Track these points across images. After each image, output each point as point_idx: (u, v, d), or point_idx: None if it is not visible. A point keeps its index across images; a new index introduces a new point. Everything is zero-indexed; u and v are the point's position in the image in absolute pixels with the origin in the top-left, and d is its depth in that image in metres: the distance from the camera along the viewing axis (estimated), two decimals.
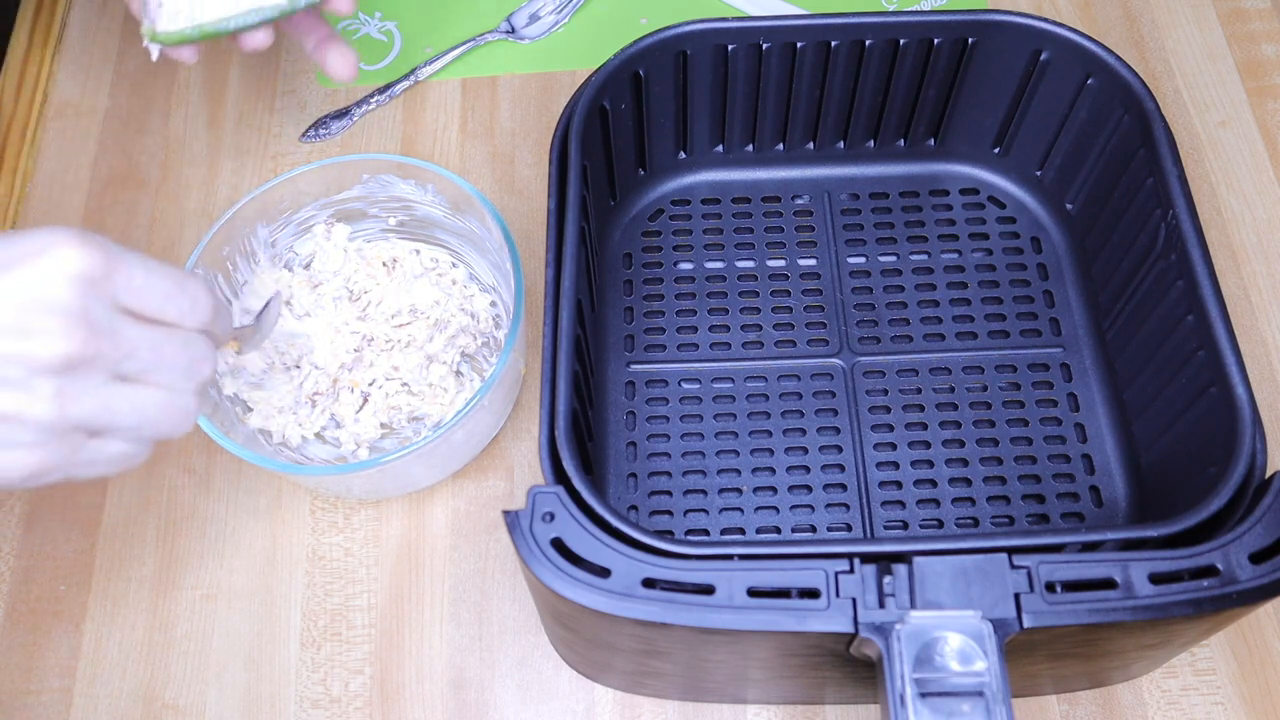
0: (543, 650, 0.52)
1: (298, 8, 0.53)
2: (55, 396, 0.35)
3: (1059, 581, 0.39)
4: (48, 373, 0.35)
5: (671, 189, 0.62)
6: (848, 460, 0.55)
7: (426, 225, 0.58)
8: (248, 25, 0.52)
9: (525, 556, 0.40)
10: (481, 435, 0.54)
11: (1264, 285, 0.60)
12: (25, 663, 0.52)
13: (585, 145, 0.52)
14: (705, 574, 0.39)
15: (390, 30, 0.70)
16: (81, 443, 0.37)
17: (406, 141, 0.66)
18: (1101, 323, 0.57)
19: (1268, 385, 0.57)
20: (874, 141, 0.62)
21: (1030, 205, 0.61)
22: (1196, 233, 0.48)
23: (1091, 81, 0.55)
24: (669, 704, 0.51)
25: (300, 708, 0.51)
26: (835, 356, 0.57)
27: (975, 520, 0.53)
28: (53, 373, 0.35)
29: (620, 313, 0.59)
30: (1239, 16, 0.69)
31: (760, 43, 0.56)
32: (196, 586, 0.54)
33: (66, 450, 0.37)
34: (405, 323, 0.56)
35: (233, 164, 0.65)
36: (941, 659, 0.38)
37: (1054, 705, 0.50)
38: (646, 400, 0.56)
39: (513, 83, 0.68)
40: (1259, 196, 0.63)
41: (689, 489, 0.54)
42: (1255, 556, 0.40)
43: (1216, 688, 0.50)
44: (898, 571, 0.39)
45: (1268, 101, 0.66)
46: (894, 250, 0.60)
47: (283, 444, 0.54)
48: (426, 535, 0.55)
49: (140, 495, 0.56)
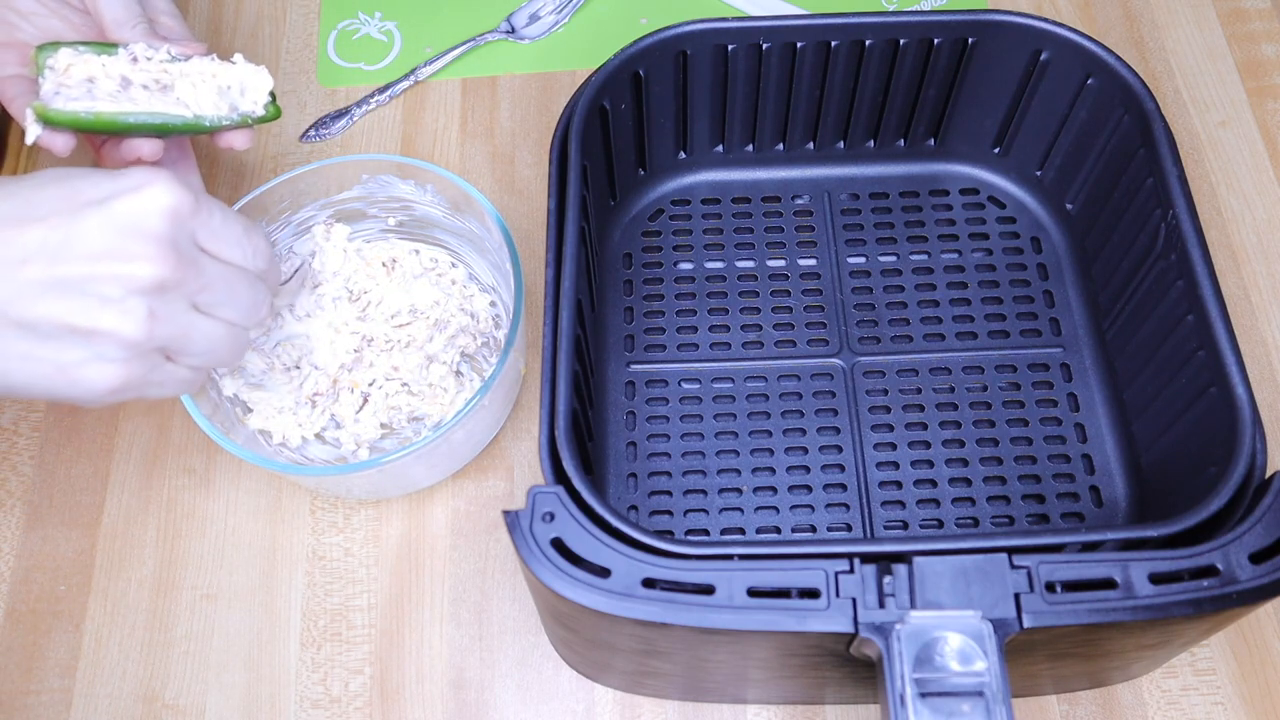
0: (543, 650, 0.52)
1: (202, 128, 0.51)
2: (147, 318, 0.39)
3: (1059, 581, 0.39)
4: (141, 294, 0.39)
5: (671, 189, 0.62)
6: (848, 460, 0.55)
7: (426, 225, 0.58)
8: (146, 126, 0.50)
9: (525, 556, 0.40)
10: (481, 435, 0.54)
11: (1264, 285, 0.60)
12: (25, 663, 0.52)
13: (585, 145, 0.52)
14: (705, 574, 0.39)
15: (390, 30, 0.70)
16: (158, 363, 0.42)
17: (406, 141, 0.66)
18: (1101, 323, 0.57)
19: (1268, 385, 0.57)
20: (874, 141, 0.62)
21: (1030, 205, 0.61)
22: (1196, 233, 0.48)
23: (1091, 81, 0.55)
24: (669, 704, 0.51)
25: (300, 708, 0.51)
26: (835, 356, 0.57)
27: (975, 520, 0.53)
28: (145, 294, 0.39)
29: (620, 313, 0.59)
30: (1239, 16, 0.69)
31: (760, 43, 0.56)
32: (196, 586, 0.54)
33: (145, 369, 0.41)
34: (405, 323, 0.56)
35: (233, 164, 0.65)
36: (941, 659, 0.38)
37: (1054, 705, 0.50)
38: (646, 400, 0.56)
39: (513, 83, 0.68)
40: (1259, 196, 0.63)
41: (689, 489, 0.54)
42: (1255, 556, 0.40)
43: (1216, 688, 0.50)
44: (898, 571, 0.39)
45: (1268, 101, 0.66)
46: (894, 250, 0.60)
47: (283, 444, 0.54)
48: (426, 535, 0.55)
49: (140, 495, 0.56)
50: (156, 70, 0.51)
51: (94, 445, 0.57)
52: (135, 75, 0.50)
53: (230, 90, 0.52)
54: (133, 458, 0.57)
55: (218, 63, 0.52)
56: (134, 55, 0.50)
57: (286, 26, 0.71)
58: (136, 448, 0.57)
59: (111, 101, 0.49)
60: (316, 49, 0.70)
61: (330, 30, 0.70)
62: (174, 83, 0.51)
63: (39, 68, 0.49)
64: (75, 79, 0.49)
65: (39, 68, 0.49)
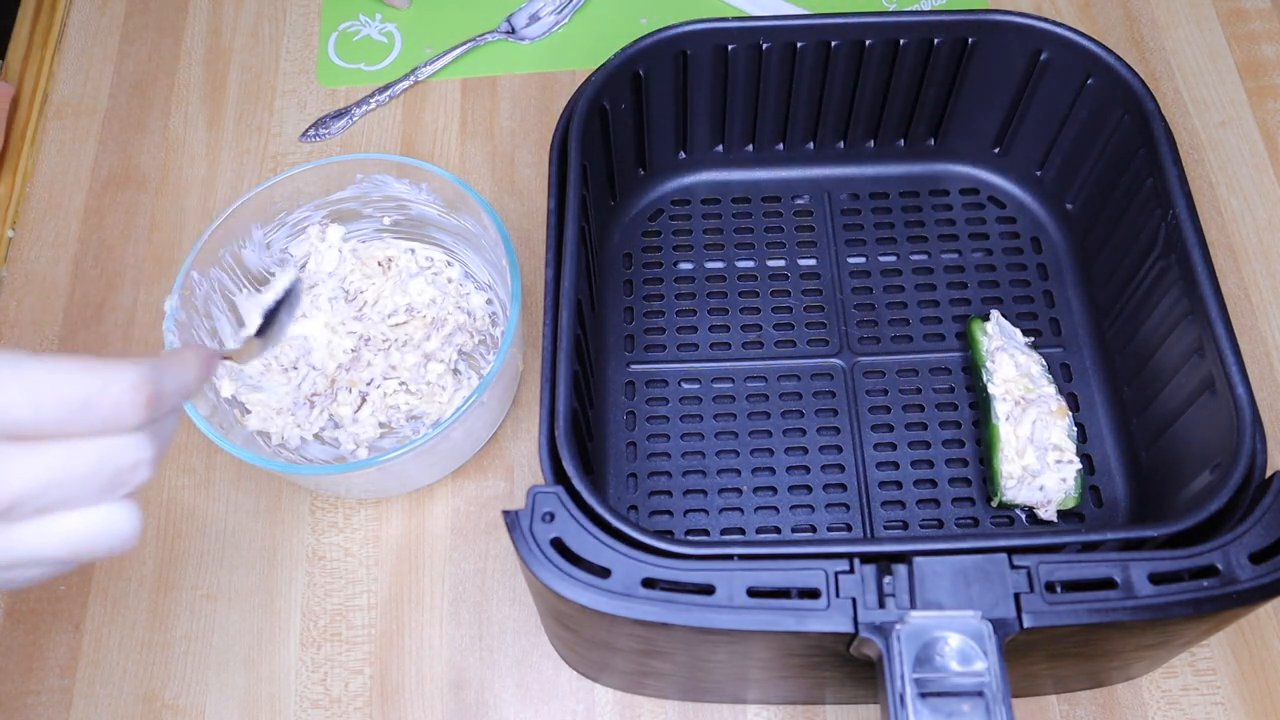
0: (543, 650, 0.52)
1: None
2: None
3: (1059, 581, 0.39)
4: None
5: (671, 189, 0.62)
6: (848, 460, 0.55)
7: (421, 224, 0.58)
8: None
9: (525, 556, 0.40)
10: (480, 433, 0.54)
11: (1264, 285, 0.60)
12: (25, 663, 0.52)
13: (585, 145, 0.52)
14: (705, 574, 0.39)
15: (390, 31, 0.70)
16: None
17: (406, 141, 0.66)
18: (1101, 323, 0.57)
19: (1268, 385, 0.57)
20: (874, 141, 0.62)
21: (1030, 205, 0.61)
22: (1196, 233, 0.48)
23: (1091, 81, 0.55)
24: (669, 704, 0.51)
25: (300, 708, 0.51)
26: (835, 356, 0.57)
27: (975, 520, 0.53)
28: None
29: (620, 313, 0.59)
30: (1239, 16, 0.69)
31: (760, 43, 0.56)
32: (196, 586, 0.54)
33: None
34: (402, 322, 0.56)
35: (232, 164, 0.65)
36: (941, 659, 0.38)
37: (1054, 705, 0.50)
38: (646, 400, 0.56)
39: (513, 83, 0.68)
40: (1259, 196, 0.63)
41: (689, 489, 0.54)
42: (1255, 556, 0.40)
43: (1216, 688, 0.50)
44: (898, 571, 0.39)
45: (1268, 101, 0.66)
46: (894, 250, 0.60)
47: (282, 445, 0.54)
48: (426, 535, 0.55)
49: (140, 495, 0.56)
50: None
51: None
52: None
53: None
54: None
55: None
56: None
57: (286, 26, 0.71)
58: None
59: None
60: (317, 49, 0.70)
61: (331, 32, 0.70)
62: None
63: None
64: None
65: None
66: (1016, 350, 0.54)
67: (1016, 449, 0.52)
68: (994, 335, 0.55)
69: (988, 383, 0.53)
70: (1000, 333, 0.55)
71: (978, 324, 0.56)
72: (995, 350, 0.54)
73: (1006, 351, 0.54)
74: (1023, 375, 0.53)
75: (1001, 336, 0.55)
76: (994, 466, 0.52)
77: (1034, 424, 0.52)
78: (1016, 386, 0.53)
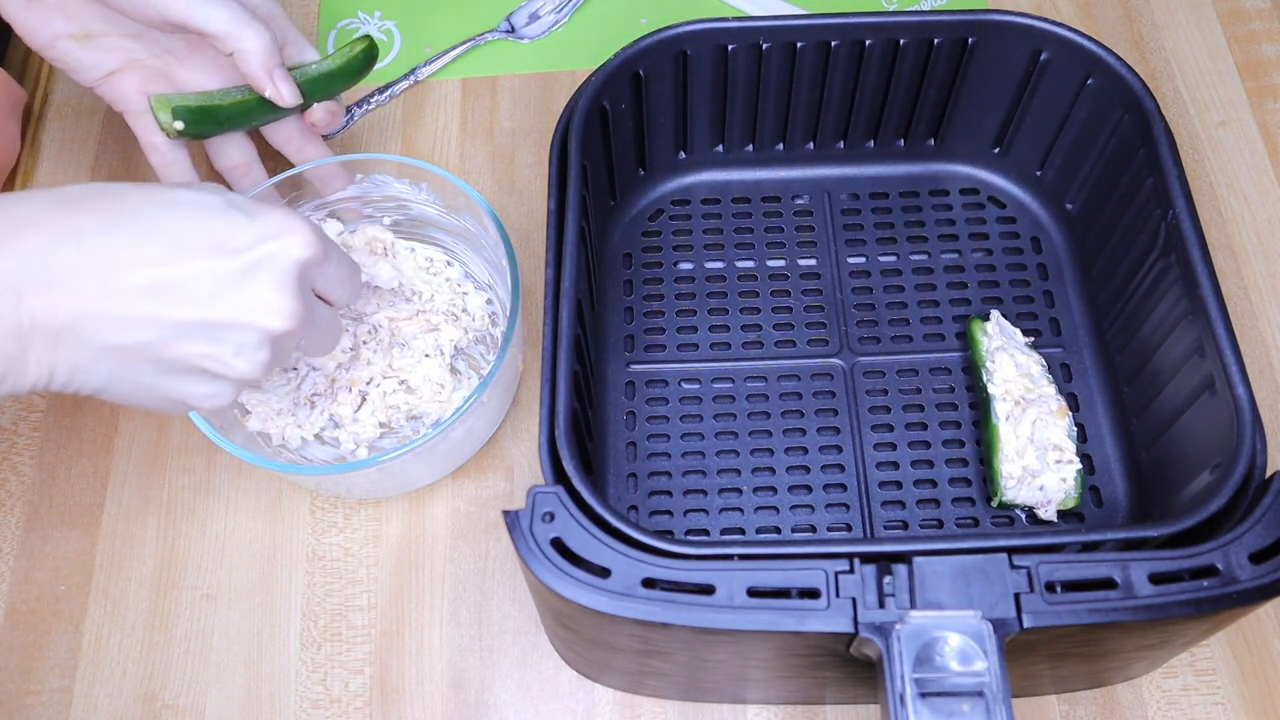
0: (543, 650, 0.52)
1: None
2: (266, 363, 0.43)
3: (1059, 581, 0.39)
4: (270, 342, 0.42)
5: (671, 189, 0.62)
6: (848, 460, 0.55)
7: (421, 224, 0.58)
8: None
9: (525, 556, 0.40)
10: (480, 433, 0.54)
11: (1264, 285, 0.60)
12: (25, 663, 0.52)
13: (585, 145, 0.52)
14: (705, 574, 0.39)
15: (390, 30, 0.70)
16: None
17: (406, 141, 0.66)
18: (1101, 322, 0.57)
19: (1268, 385, 0.57)
20: (874, 141, 0.62)
21: (1030, 205, 0.61)
22: (1196, 233, 0.48)
23: (1091, 81, 0.55)
24: (669, 704, 0.51)
25: (300, 708, 0.51)
26: (835, 356, 0.57)
27: (975, 520, 0.53)
28: (272, 342, 0.42)
29: (620, 313, 0.59)
30: (1239, 16, 0.69)
31: (760, 43, 0.56)
32: (196, 586, 0.54)
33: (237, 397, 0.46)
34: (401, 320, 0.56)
35: None
36: (941, 659, 0.38)
37: (1054, 705, 0.50)
38: (646, 400, 0.56)
39: (513, 83, 0.68)
40: (1259, 196, 0.63)
41: (689, 489, 0.54)
42: (1255, 556, 0.40)
43: (1216, 688, 0.50)
44: (898, 571, 0.39)
45: (1268, 101, 0.66)
46: (894, 250, 0.60)
47: (282, 445, 0.54)
48: (426, 535, 0.55)
49: (140, 495, 0.56)
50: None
51: (94, 445, 0.57)
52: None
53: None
54: (133, 458, 0.57)
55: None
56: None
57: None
58: (136, 448, 0.57)
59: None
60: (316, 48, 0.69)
61: (330, 29, 0.70)
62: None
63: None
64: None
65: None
66: (1016, 350, 0.54)
67: (1016, 449, 0.52)
68: (994, 335, 0.55)
69: (988, 383, 0.53)
70: (1000, 333, 0.55)
71: (978, 324, 0.56)
72: (995, 350, 0.54)
73: (1006, 351, 0.54)
74: (1023, 375, 0.53)
75: (1001, 336, 0.55)
76: (994, 466, 0.52)
77: (1034, 424, 0.52)
78: (1016, 386, 0.53)
